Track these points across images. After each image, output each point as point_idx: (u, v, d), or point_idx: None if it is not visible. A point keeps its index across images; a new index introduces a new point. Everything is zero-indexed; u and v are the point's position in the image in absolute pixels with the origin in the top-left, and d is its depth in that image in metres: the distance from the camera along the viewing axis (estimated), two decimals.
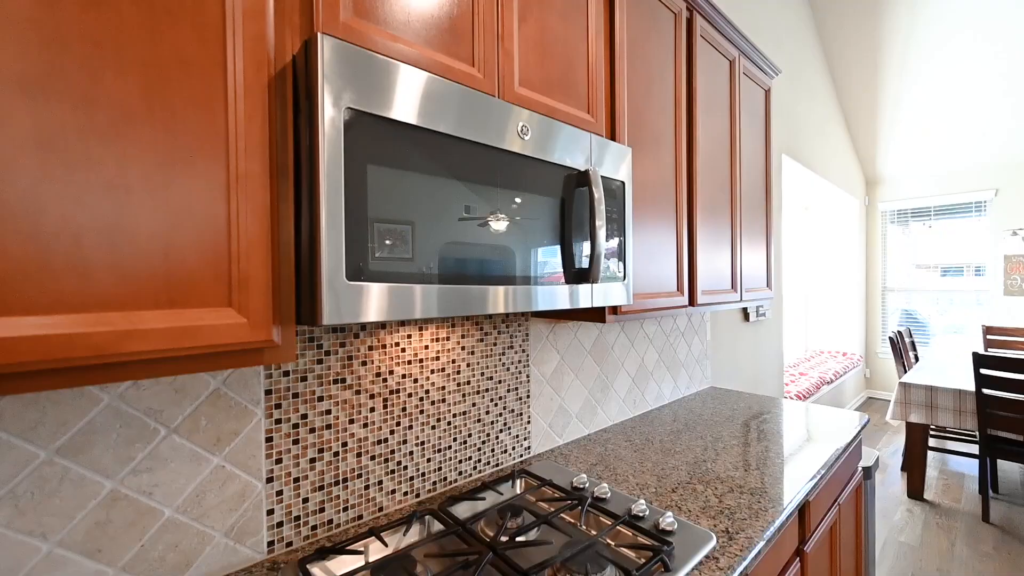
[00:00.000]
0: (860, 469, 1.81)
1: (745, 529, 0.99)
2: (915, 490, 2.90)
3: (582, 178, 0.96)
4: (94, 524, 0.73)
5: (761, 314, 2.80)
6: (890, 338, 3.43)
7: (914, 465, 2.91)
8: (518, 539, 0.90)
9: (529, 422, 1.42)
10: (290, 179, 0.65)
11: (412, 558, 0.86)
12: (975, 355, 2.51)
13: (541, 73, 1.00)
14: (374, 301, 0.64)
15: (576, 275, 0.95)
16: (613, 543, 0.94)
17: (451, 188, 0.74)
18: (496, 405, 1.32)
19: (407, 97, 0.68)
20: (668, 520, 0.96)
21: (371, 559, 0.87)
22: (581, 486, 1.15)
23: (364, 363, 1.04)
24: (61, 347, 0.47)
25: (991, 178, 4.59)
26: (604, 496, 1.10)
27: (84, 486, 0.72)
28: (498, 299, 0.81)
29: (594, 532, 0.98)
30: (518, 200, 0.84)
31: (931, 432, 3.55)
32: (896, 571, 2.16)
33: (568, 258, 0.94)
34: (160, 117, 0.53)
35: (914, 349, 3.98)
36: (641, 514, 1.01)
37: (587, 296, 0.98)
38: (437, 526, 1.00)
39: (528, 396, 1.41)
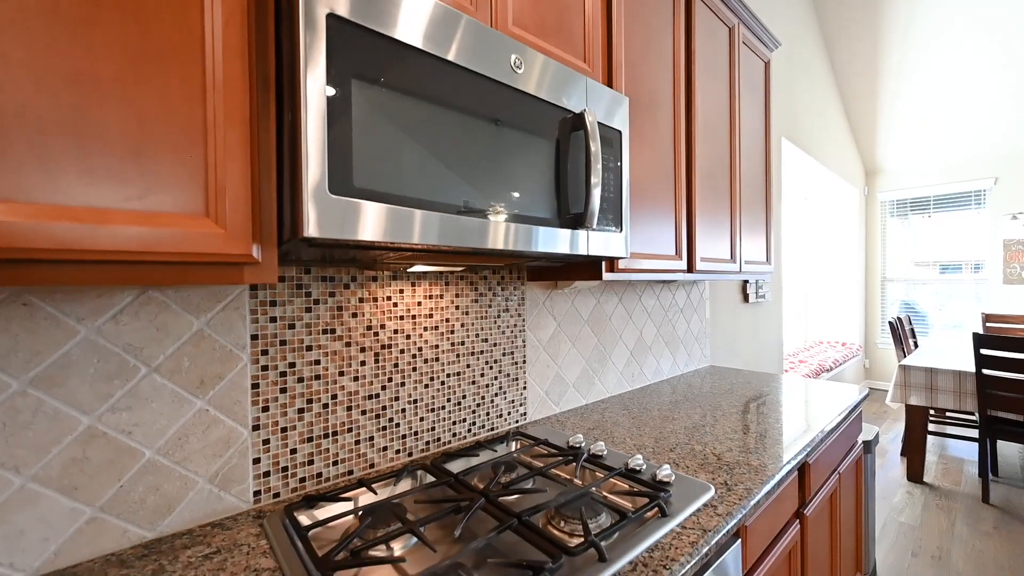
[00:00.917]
0: (860, 443, 1.79)
1: (744, 482, 0.96)
2: (915, 473, 2.88)
3: (578, 121, 0.94)
4: (70, 460, 0.70)
5: (761, 296, 2.78)
6: (890, 323, 3.42)
7: (914, 449, 2.89)
8: (511, 488, 0.88)
9: (525, 388, 1.39)
10: (272, 91, 0.62)
11: (402, 505, 0.83)
12: (975, 335, 2.49)
13: (535, 15, 0.97)
14: (362, 220, 0.61)
15: (572, 220, 0.92)
16: (609, 493, 0.92)
17: (443, 116, 0.71)
18: (491, 368, 1.29)
19: (394, 11, 0.65)
20: (665, 472, 0.93)
21: (360, 505, 0.85)
22: (577, 445, 1.13)
23: (355, 315, 1.02)
24: (21, 237, 0.44)
25: (991, 167, 4.58)
26: (600, 453, 1.07)
27: (59, 420, 0.69)
28: (498, 234, 0.79)
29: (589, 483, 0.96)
30: (512, 137, 0.81)
31: (930, 418, 3.54)
32: (896, 549, 2.15)
33: (563, 203, 0.91)
34: (131, 11, 0.50)
35: (913, 336, 3.96)
36: (638, 468, 0.98)
37: (584, 243, 0.95)
38: (429, 479, 0.98)
39: (524, 362, 1.39)
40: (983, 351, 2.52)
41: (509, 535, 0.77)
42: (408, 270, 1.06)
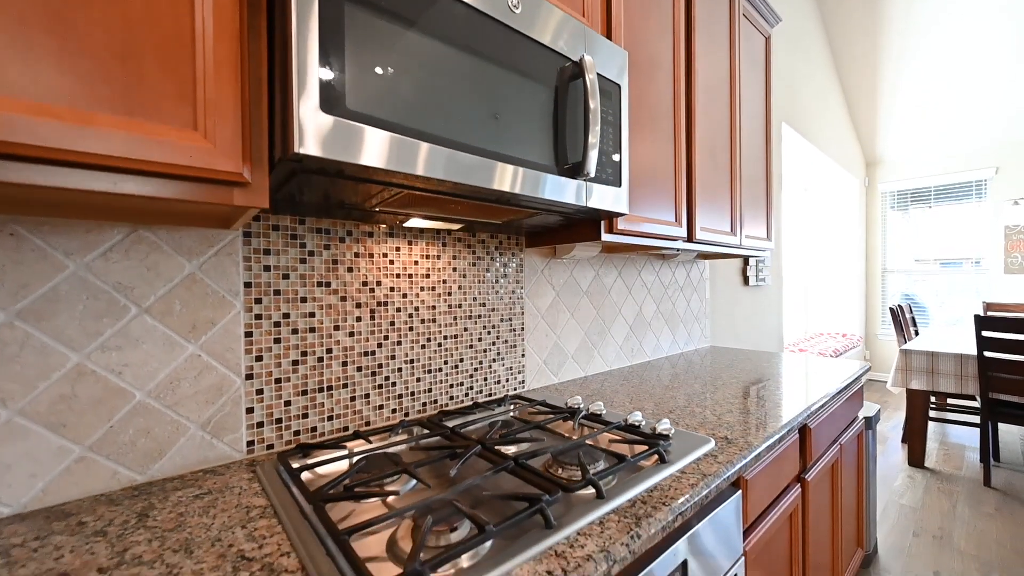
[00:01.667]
0: (861, 418, 1.78)
1: (745, 437, 0.95)
2: (916, 459, 2.87)
3: (576, 69, 0.92)
4: (58, 397, 0.69)
5: (761, 279, 2.76)
6: (891, 309, 3.40)
7: (915, 434, 2.87)
8: (508, 438, 0.86)
9: (523, 356, 1.38)
10: (263, 14, 0.61)
11: (397, 454, 0.82)
12: (977, 317, 2.48)
13: None
14: (359, 144, 0.60)
15: (571, 170, 0.91)
16: (607, 444, 0.90)
17: (438, 50, 0.70)
18: (489, 333, 1.28)
19: None
20: (665, 425, 0.92)
21: (355, 452, 0.83)
22: (576, 405, 1.12)
23: (350, 269, 1.00)
24: (3, 128, 0.43)
25: (992, 156, 4.56)
26: (599, 412, 1.06)
27: (47, 355, 0.68)
28: (504, 176, 0.78)
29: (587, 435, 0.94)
30: (511, 81, 0.80)
31: (931, 406, 3.53)
32: (898, 529, 2.13)
33: (561, 152, 0.90)
34: None
35: (914, 325, 3.95)
36: (637, 423, 0.97)
37: (583, 193, 0.94)
38: (425, 432, 0.96)
39: (523, 329, 1.38)
40: (985, 333, 2.51)
41: (505, 477, 0.75)
42: (404, 224, 1.05)
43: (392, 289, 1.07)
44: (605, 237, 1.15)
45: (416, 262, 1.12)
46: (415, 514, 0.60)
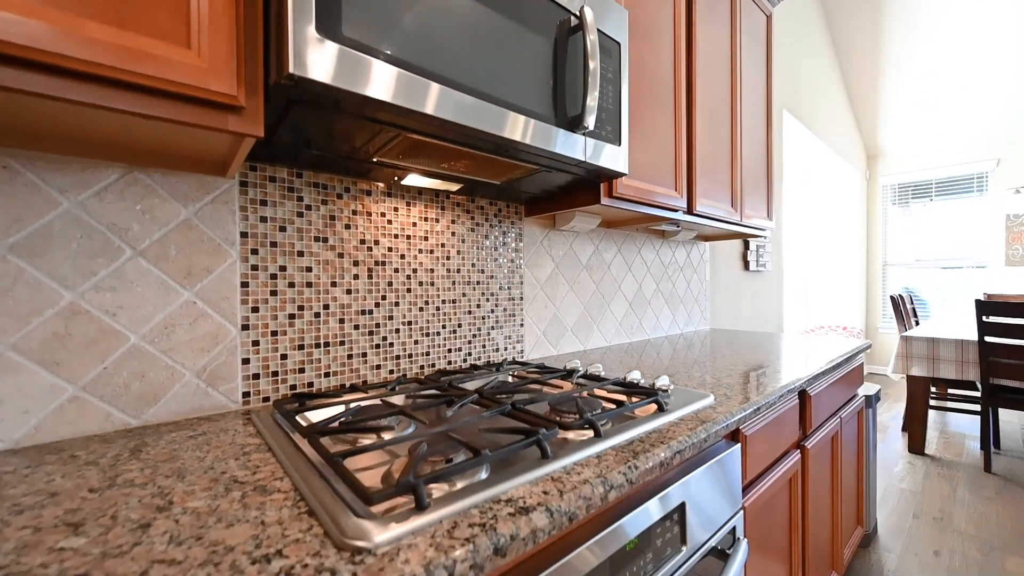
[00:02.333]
0: (862, 397, 1.77)
1: (745, 394, 0.94)
2: (916, 446, 2.86)
3: (576, 23, 0.91)
4: (52, 335, 0.68)
5: (761, 264, 2.75)
6: (892, 297, 3.39)
7: (915, 421, 2.86)
8: (505, 391, 0.86)
9: (522, 325, 1.37)
10: None
11: (394, 402, 0.82)
12: (978, 302, 2.47)
13: None
14: (362, 73, 0.59)
15: (570, 123, 0.90)
16: (605, 397, 0.90)
17: None
18: (488, 300, 1.28)
19: None
20: (664, 381, 0.91)
21: (351, 401, 0.83)
22: (574, 367, 1.11)
23: (348, 226, 1.00)
24: None
25: (993, 148, 4.55)
26: (597, 372, 1.05)
27: (40, 291, 0.67)
28: (508, 122, 0.77)
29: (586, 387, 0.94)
30: (512, 29, 0.79)
31: (931, 395, 3.52)
32: (898, 512, 2.12)
33: (560, 106, 0.89)
34: None
35: (915, 316, 3.94)
36: (635, 380, 0.96)
37: (582, 148, 0.93)
38: (422, 387, 0.96)
39: (521, 299, 1.37)
40: (986, 318, 2.50)
41: (502, 420, 0.75)
42: (403, 182, 1.04)
43: (390, 249, 1.07)
44: (604, 201, 1.14)
45: (414, 224, 1.11)
46: (411, 447, 0.59)
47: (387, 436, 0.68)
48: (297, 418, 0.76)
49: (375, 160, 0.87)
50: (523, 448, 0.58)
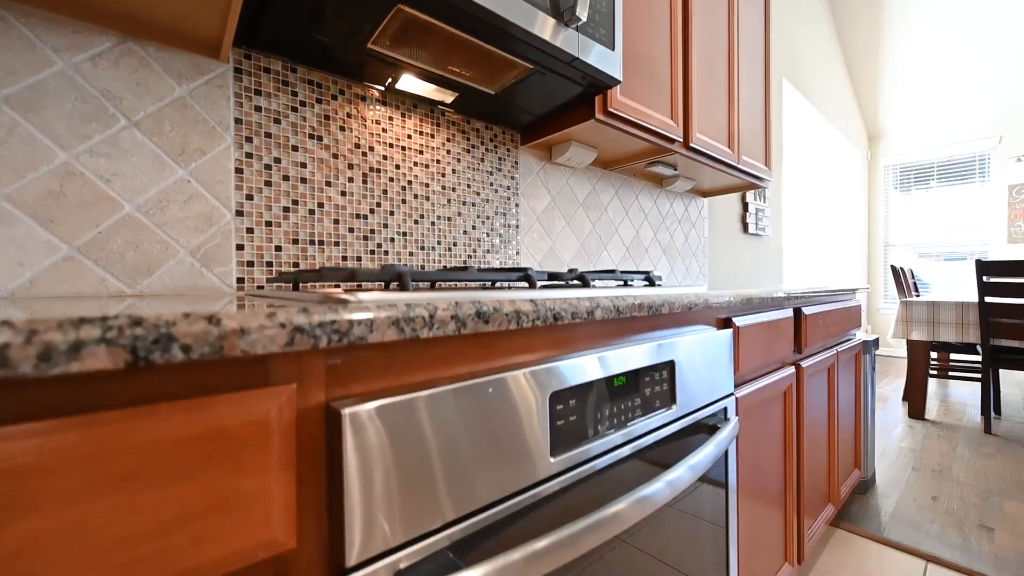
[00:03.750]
0: (859, 339, 1.77)
1: (738, 291, 0.94)
2: (916, 411, 2.85)
3: None
4: (46, 192, 0.69)
5: (761, 228, 2.75)
6: (892, 267, 3.38)
7: (915, 388, 2.86)
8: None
9: (518, 254, 1.38)
10: None
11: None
12: (978, 262, 2.46)
13: None
14: None
15: (563, 14, 0.90)
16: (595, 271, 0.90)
17: None
18: (483, 223, 1.28)
19: None
20: (658, 273, 0.92)
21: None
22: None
23: (342, 128, 1.00)
24: None
25: (995, 126, 4.53)
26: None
27: (35, 147, 0.68)
28: (512, 7, 0.77)
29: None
30: None
31: (931, 364, 3.51)
32: (897, 465, 2.12)
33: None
34: None
35: (916, 291, 3.92)
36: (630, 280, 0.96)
37: (574, 43, 0.93)
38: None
39: (517, 227, 1.37)
40: (986, 278, 2.49)
41: (499, 288, 0.75)
42: (397, 85, 1.04)
43: (385, 158, 1.07)
44: (599, 116, 1.15)
45: (409, 136, 1.12)
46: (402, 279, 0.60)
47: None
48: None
49: (369, 48, 0.88)
50: (514, 277, 0.58)
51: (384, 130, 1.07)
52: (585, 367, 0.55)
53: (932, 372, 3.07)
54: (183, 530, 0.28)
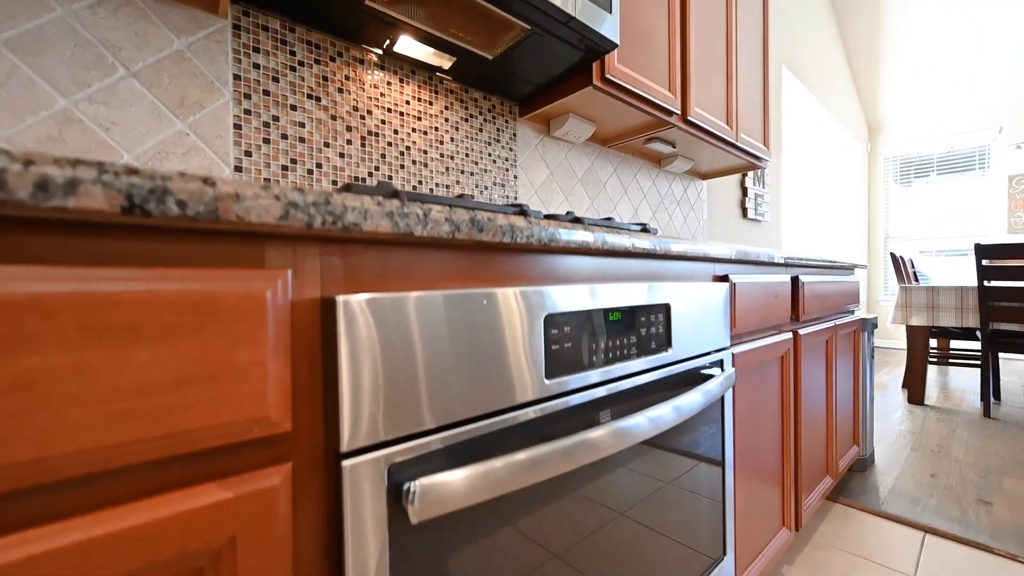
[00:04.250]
0: (858, 316, 1.78)
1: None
2: (916, 397, 2.85)
3: None
4: (46, 136, 0.69)
5: (760, 214, 2.75)
6: (892, 254, 3.38)
7: (915, 373, 2.86)
8: None
9: None
10: None
11: None
12: (977, 246, 2.46)
13: None
14: None
15: None
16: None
17: None
18: (482, 194, 1.28)
19: None
20: (655, 226, 0.92)
21: None
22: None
23: (341, 90, 1.01)
24: None
25: (995, 116, 4.53)
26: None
27: (35, 91, 0.68)
28: None
29: None
30: None
31: (930, 352, 3.51)
32: (896, 446, 2.12)
33: None
34: None
35: (916, 279, 3.92)
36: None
37: (570, 1, 0.94)
38: None
39: (516, 199, 1.38)
40: (985, 262, 2.49)
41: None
42: (395, 47, 1.04)
43: (383, 122, 1.08)
44: (596, 83, 1.15)
45: (408, 102, 1.12)
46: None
47: None
48: None
49: (367, 5, 0.88)
50: (511, 211, 0.58)
51: (382, 94, 1.07)
52: (579, 296, 0.55)
53: (931, 359, 3.07)
54: (178, 392, 0.29)
